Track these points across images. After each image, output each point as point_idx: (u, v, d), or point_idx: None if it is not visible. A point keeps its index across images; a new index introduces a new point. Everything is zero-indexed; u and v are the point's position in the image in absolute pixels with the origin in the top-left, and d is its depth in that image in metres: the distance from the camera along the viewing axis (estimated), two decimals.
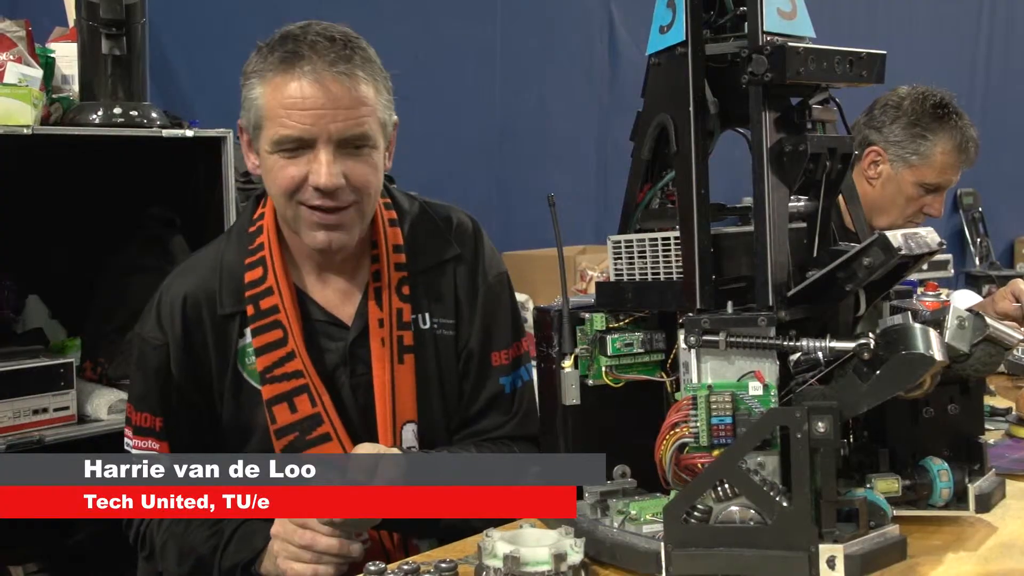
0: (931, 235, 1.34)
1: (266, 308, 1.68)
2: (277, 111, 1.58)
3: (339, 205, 1.61)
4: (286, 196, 1.62)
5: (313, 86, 1.56)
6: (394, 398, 1.69)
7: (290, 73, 1.57)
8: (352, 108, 1.58)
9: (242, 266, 1.72)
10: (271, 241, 1.71)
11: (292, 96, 1.56)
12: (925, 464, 1.37)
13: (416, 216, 1.80)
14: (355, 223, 1.64)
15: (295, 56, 1.57)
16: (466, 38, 4.30)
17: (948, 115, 2.67)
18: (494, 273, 1.81)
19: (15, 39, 2.47)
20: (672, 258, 1.31)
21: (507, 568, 1.19)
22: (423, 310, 1.75)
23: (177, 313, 1.70)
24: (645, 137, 1.37)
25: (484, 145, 4.42)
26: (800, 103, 1.32)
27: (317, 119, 1.56)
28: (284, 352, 1.67)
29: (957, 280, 5.88)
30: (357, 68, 1.59)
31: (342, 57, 1.57)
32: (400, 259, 1.74)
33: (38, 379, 2.41)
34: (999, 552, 1.31)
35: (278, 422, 1.66)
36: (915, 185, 2.68)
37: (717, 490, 1.21)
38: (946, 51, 6.24)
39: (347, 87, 1.57)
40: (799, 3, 1.33)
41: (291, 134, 1.57)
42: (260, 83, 1.60)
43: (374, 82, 1.62)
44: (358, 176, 1.61)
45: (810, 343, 1.24)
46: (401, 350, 1.71)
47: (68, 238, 2.89)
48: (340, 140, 1.58)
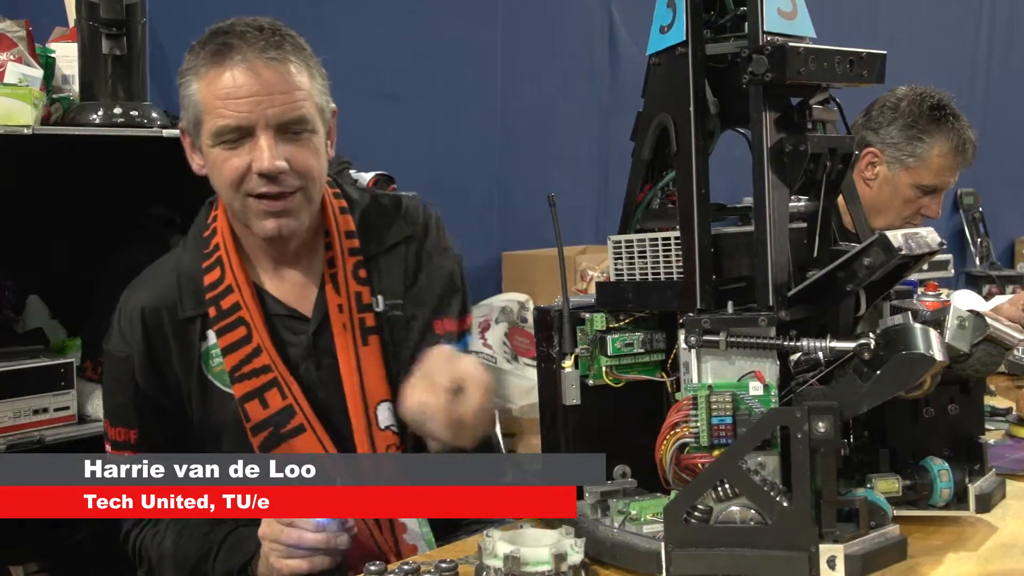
0: (931, 235, 1.34)
1: (227, 307, 1.69)
2: (214, 103, 1.60)
3: (284, 190, 1.62)
4: (232, 188, 1.63)
5: (246, 74, 1.58)
6: (362, 380, 1.70)
7: (222, 64, 1.59)
8: (287, 92, 1.60)
9: (200, 270, 1.73)
10: (226, 241, 1.72)
11: (226, 86, 1.58)
12: (925, 464, 1.37)
13: (367, 205, 1.82)
14: (303, 208, 1.65)
15: (226, 48, 1.59)
16: (466, 38, 4.30)
17: (945, 117, 2.66)
18: (440, 248, 1.82)
19: (15, 39, 2.47)
20: (672, 258, 1.31)
21: (507, 568, 1.19)
22: (377, 293, 1.76)
23: (137, 323, 1.71)
24: (645, 137, 1.37)
25: (484, 145, 4.42)
26: (800, 103, 1.32)
27: (253, 106, 1.58)
28: (250, 348, 1.68)
29: (957, 280, 5.88)
30: (288, 54, 1.61)
31: (272, 44, 1.60)
32: (353, 244, 1.75)
33: (38, 379, 2.41)
34: (999, 552, 1.31)
35: (252, 419, 1.67)
36: (912, 187, 2.68)
37: (717, 490, 1.21)
38: (946, 51, 6.24)
39: (280, 72, 1.59)
40: (799, 3, 1.33)
41: (229, 123, 1.59)
42: (195, 79, 1.62)
43: (307, 68, 1.64)
44: (300, 160, 1.62)
45: (810, 343, 1.24)
46: (364, 332, 1.72)
47: (68, 238, 2.89)
48: (278, 125, 1.59)
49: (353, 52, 3.66)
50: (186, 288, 1.72)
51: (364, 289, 1.74)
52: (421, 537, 1.67)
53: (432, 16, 4.14)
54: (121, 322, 1.74)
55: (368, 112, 3.71)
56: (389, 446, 1.69)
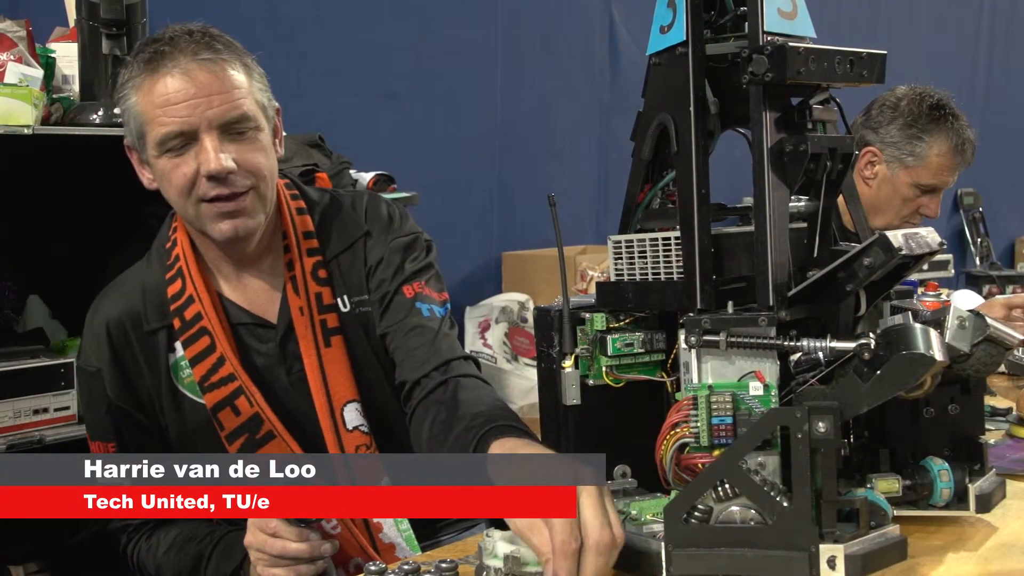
0: (931, 235, 1.34)
1: (190, 318, 1.69)
2: (154, 112, 1.60)
3: (236, 191, 1.61)
4: (183, 196, 1.62)
5: (181, 79, 1.58)
6: (326, 381, 1.69)
7: (157, 73, 1.59)
8: (225, 92, 1.59)
9: (163, 281, 1.73)
10: (185, 252, 1.72)
11: (163, 93, 1.58)
12: (926, 464, 1.37)
13: (326, 205, 1.80)
14: (256, 207, 1.64)
15: (158, 56, 1.59)
16: (467, 38, 4.30)
17: (945, 116, 2.67)
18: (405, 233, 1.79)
19: (15, 39, 2.47)
20: (673, 258, 1.31)
21: (507, 568, 1.19)
22: (342, 292, 1.74)
23: (103, 338, 1.72)
24: (645, 137, 1.36)
25: (485, 145, 4.43)
26: (800, 103, 1.32)
27: (192, 109, 1.57)
28: (215, 358, 1.68)
29: (958, 280, 5.88)
30: (221, 55, 1.61)
31: (204, 45, 1.60)
32: (312, 244, 1.74)
33: (39, 379, 2.41)
34: (999, 552, 1.31)
35: (226, 427, 1.67)
36: (911, 186, 2.69)
37: (717, 490, 1.21)
38: (947, 51, 6.24)
39: (214, 73, 1.59)
40: (800, 3, 1.33)
41: (172, 130, 1.59)
42: (132, 91, 1.62)
43: (243, 66, 1.64)
44: (248, 159, 1.61)
45: (810, 343, 1.24)
46: (326, 333, 1.71)
47: (69, 238, 2.89)
48: (221, 125, 1.59)
49: (353, 52, 3.66)
50: (150, 301, 1.72)
51: (324, 290, 1.72)
52: (399, 535, 1.67)
53: (432, 16, 4.14)
54: (89, 337, 1.75)
55: (368, 112, 3.71)
56: (359, 447, 1.69)
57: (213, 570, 1.63)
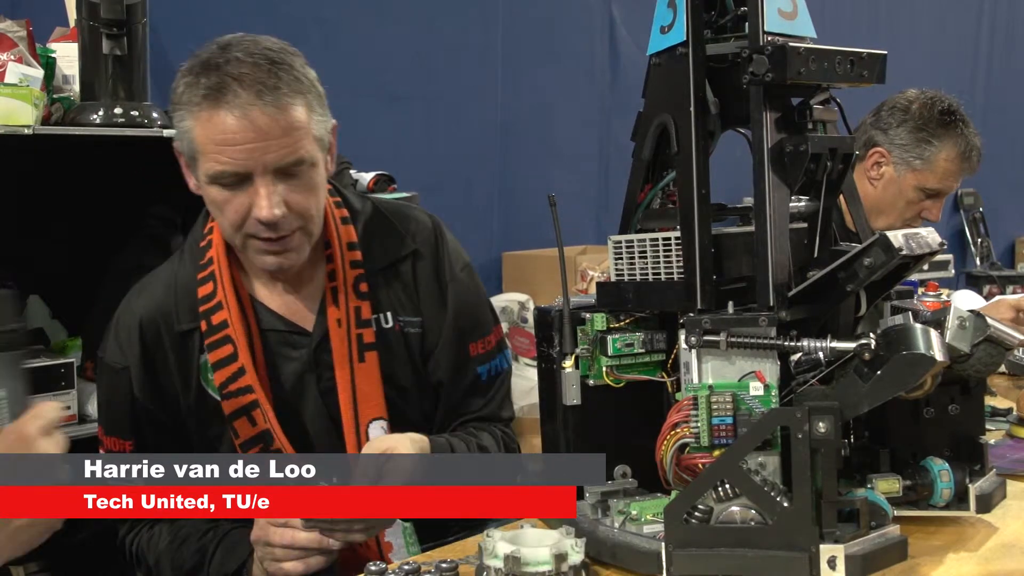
0: (932, 235, 1.34)
1: (217, 323, 1.68)
2: (209, 147, 1.56)
3: (283, 234, 1.60)
4: (233, 228, 1.61)
5: (241, 121, 1.52)
6: (355, 396, 1.68)
7: (217, 107, 1.53)
8: (284, 136, 1.55)
9: (195, 281, 1.71)
10: (219, 255, 1.70)
11: (221, 132, 1.54)
12: (926, 464, 1.37)
13: (369, 215, 1.79)
14: (303, 244, 1.64)
15: (220, 90, 1.53)
16: (467, 38, 4.30)
17: (955, 122, 2.67)
18: (460, 266, 1.80)
19: (16, 39, 2.47)
20: (673, 258, 1.31)
21: (508, 568, 1.19)
22: (384, 309, 1.73)
23: (135, 335, 1.70)
24: (646, 137, 1.36)
25: (485, 145, 4.42)
26: (801, 103, 1.32)
27: (249, 153, 1.54)
28: (236, 367, 1.66)
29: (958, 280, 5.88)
30: (284, 95, 1.55)
31: (268, 87, 1.54)
32: (356, 256, 1.73)
33: (39, 379, 2.41)
34: (1000, 552, 1.31)
35: (240, 436, 1.66)
36: (916, 189, 2.69)
37: (718, 490, 1.21)
38: (947, 51, 6.24)
39: (276, 118, 1.54)
40: (800, 3, 1.33)
41: (226, 170, 1.56)
42: (188, 116, 1.58)
43: (305, 100, 1.58)
44: (299, 202, 1.59)
45: (811, 343, 1.24)
46: (361, 348, 1.69)
47: (69, 238, 2.89)
48: (276, 169, 1.56)
49: (354, 52, 3.66)
50: (182, 300, 1.70)
51: (364, 304, 1.71)
52: (400, 534, 1.66)
53: (433, 16, 4.14)
54: (119, 333, 1.72)
55: (368, 112, 3.71)
56: None
57: (217, 566, 1.62)
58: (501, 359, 1.80)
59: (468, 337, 1.77)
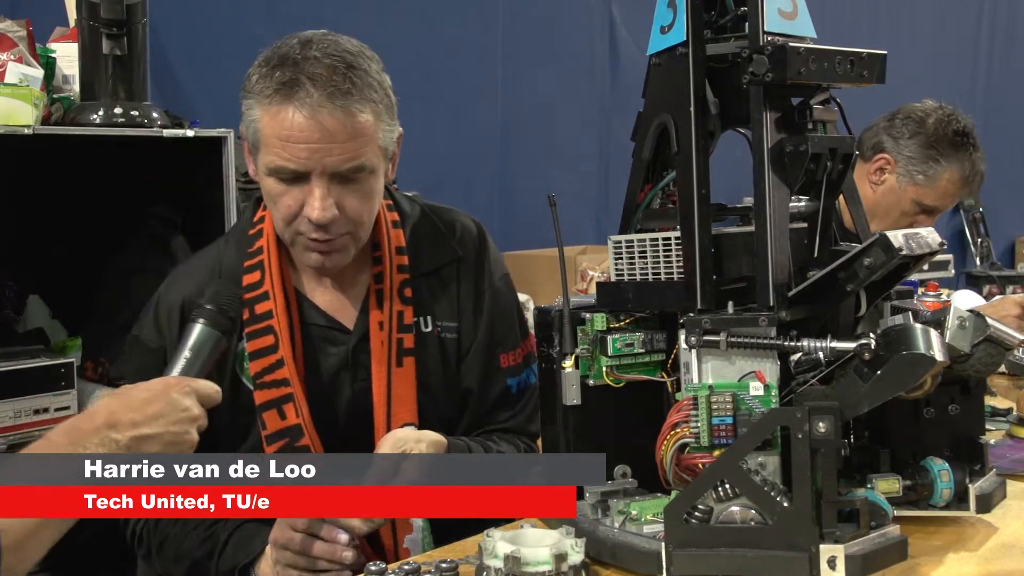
0: (932, 235, 1.34)
1: (260, 313, 1.68)
2: (272, 140, 1.56)
3: (332, 237, 1.61)
4: (284, 222, 1.62)
5: (309, 120, 1.52)
6: (390, 400, 1.68)
7: (286, 104, 1.53)
8: (348, 141, 1.55)
9: (241, 269, 1.71)
10: (270, 246, 1.70)
11: (287, 128, 1.54)
12: (926, 464, 1.37)
13: (418, 219, 1.80)
14: (349, 247, 1.64)
15: (293, 86, 1.53)
16: (468, 39, 4.30)
17: (966, 145, 2.68)
18: (499, 275, 1.81)
19: (16, 39, 2.47)
20: (673, 258, 1.31)
21: (508, 568, 1.19)
22: (425, 313, 1.74)
23: (175, 317, 1.70)
24: (646, 137, 1.36)
25: (485, 145, 4.42)
26: (801, 103, 1.32)
27: (312, 153, 1.54)
28: (274, 359, 1.66)
29: (958, 280, 5.88)
30: (354, 101, 1.54)
31: (340, 90, 1.53)
32: (403, 261, 1.73)
33: (39, 379, 2.41)
34: (1000, 552, 1.31)
35: (268, 428, 1.66)
36: (913, 202, 2.70)
37: (718, 490, 1.21)
38: (947, 51, 6.24)
39: (343, 122, 1.54)
40: (800, 3, 1.33)
41: (286, 166, 1.56)
42: (258, 106, 1.57)
43: (374, 107, 1.58)
44: (352, 207, 1.60)
45: (811, 343, 1.24)
46: (400, 353, 1.70)
47: (69, 238, 2.89)
48: (335, 173, 1.56)
49: None
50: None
51: (407, 308, 1.71)
52: (419, 541, 1.66)
53: (433, 17, 4.14)
54: (158, 312, 1.72)
55: None
56: None
57: (228, 558, 1.61)
58: (529, 373, 1.80)
59: (500, 347, 1.77)
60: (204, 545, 1.63)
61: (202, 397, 1.35)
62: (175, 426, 1.28)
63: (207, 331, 1.46)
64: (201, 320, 1.46)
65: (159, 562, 1.71)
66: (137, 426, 1.24)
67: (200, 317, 1.46)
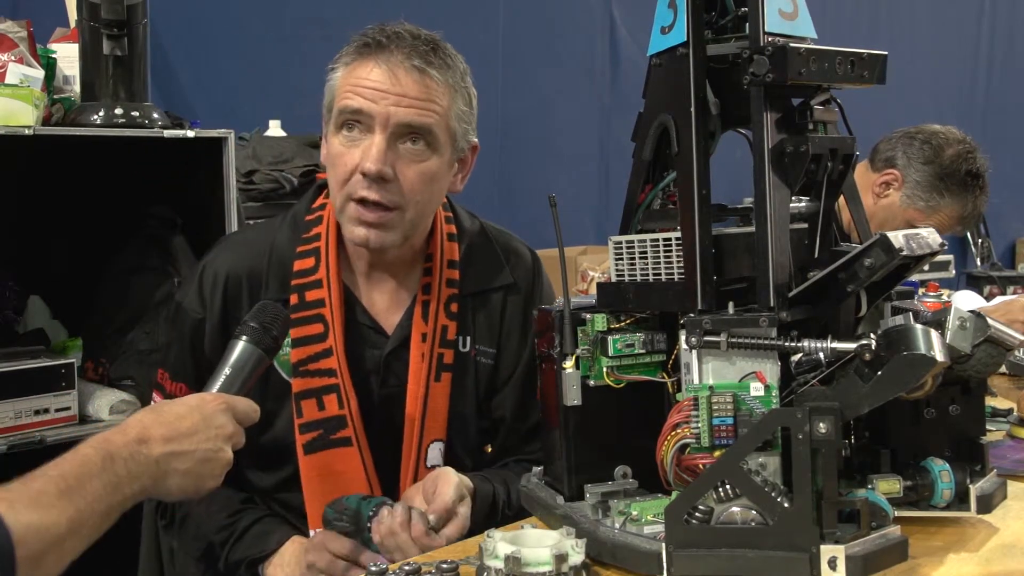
0: (932, 236, 1.34)
1: (311, 300, 1.66)
2: (345, 89, 1.59)
3: (380, 201, 1.58)
4: (339, 185, 1.61)
5: (383, 72, 1.56)
6: (424, 415, 1.67)
7: (366, 58, 1.58)
8: (417, 99, 1.57)
9: (293, 253, 1.69)
10: (330, 234, 1.69)
11: (361, 76, 1.58)
12: (926, 465, 1.37)
13: (475, 236, 1.79)
14: (396, 225, 1.62)
15: (374, 45, 1.59)
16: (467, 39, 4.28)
17: (974, 187, 2.71)
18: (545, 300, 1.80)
19: (16, 40, 2.47)
20: (673, 259, 1.31)
21: (508, 568, 1.19)
22: (466, 333, 1.73)
23: (219, 289, 1.68)
24: (646, 138, 1.36)
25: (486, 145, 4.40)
26: (801, 104, 1.32)
27: (379, 98, 1.56)
28: (321, 348, 1.64)
29: (958, 281, 5.88)
30: (433, 68, 1.58)
31: (420, 53, 1.58)
32: (453, 275, 1.72)
33: (39, 379, 2.41)
34: (1000, 553, 1.31)
35: (304, 416, 1.64)
36: (906, 223, 2.72)
37: (718, 491, 1.21)
38: (947, 51, 6.24)
39: (416, 80, 1.57)
40: (800, 4, 1.33)
41: (352, 105, 1.57)
42: (339, 67, 1.62)
43: (449, 87, 1.60)
44: (407, 178, 1.59)
45: (811, 344, 1.24)
46: (440, 368, 1.68)
47: (69, 238, 2.89)
48: (398, 127, 1.56)
49: None
50: (275, 268, 1.69)
51: (452, 324, 1.70)
52: None
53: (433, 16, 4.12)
54: (203, 282, 1.70)
55: None
56: None
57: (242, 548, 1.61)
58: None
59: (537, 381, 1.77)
60: (223, 531, 1.63)
61: (239, 415, 1.34)
62: (208, 443, 1.27)
63: (249, 348, 1.44)
64: (244, 337, 1.44)
65: (178, 536, 1.71)
66: (169, 442, 1.23)
67: (243, 334, 1.45)
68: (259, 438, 1.67)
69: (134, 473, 1.17)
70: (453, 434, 1.71)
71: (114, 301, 2.76)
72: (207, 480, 1.27)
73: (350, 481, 1.63)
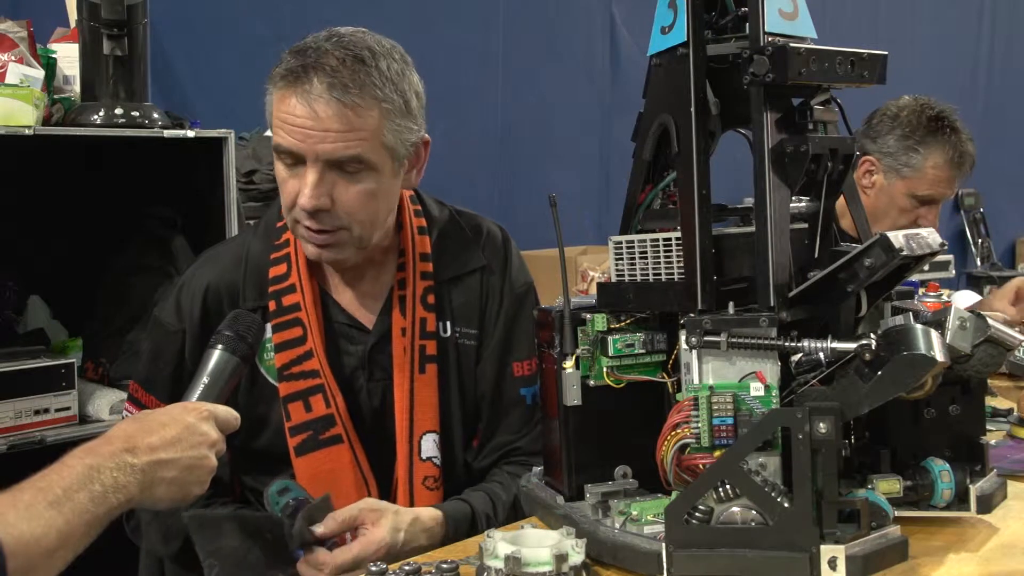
0: (932, 236, 1.34)
1: (288, 305, 1.68)
2: (277, 121, 1.59)
3: (324, 228, 1.60)
4: (287, 208, 1.63)
5: (305, 107, 1.55)
6: (412, 408, 1.68)
7: (291, 88, 1.57)
8: (342, 131, 1.55)
9: (267, 260, 1.71)
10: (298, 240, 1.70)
11: (286, 112, 1.57)
12: (926, 465, 1.37)
13: (445, 224, 1.80)
14: (345, 242, 1.63)
15: (299, 73, 1.56)
16: (468, 39, 4.30)
17: (943, 128, 2.67)
18: (520, 283, 1.81)
19: (17, 40, 2.47)
20: (673, 259, 1.31)
21: (508, 569, 1.19)
22: (445, 318, 1.74)
23: (197, 302, 1.70)
24: (646, 138, 1.36)
25: (486, 146, 4.43)
26: (801, 104, 1.32)
27: (305, 138, 1.55)
28: (302, 351, 1.66)
29: (958, 281, 5.88)
30: (354, 96, 1.55)
31: (340, 81, 1.54)
32: (427, 268, 1.73)
33: (39, 379, 2.42)
34: (1000, 553, 1.31)
35: (292, 419, 1.66)
36: (907, 196, 2.70)
37: (718, 491, 1.21)
38: (947, 51, 6.24)
39: (336, 113, 1.54)
40: (800, 4, 1.33)
41: (282, 144, 1.58)
42: (272, 89, 1.61)
43: (377, 104, 1.57)
44: (346, 202, 1.59)
45: (811, 344, 1.24)
46: (423, 360, 1.69)
47: (69, 238, 2.89)
48: (328, 161, 1.57)
49: None
50: (250, 277, 1.71)
51: (430, 315, 1.71)
52: None
53: (433, 17, 4.14)
54: (181, 297, 1.72)
55: None
56: (427, 478, 1.68)
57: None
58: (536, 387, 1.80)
59: (512, 355, 1.77)
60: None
61: (220, 422, 1.35)
62: (193, 450, 1.28)
63: (226, 356, 1.46)
64: (220, 346, 1.47)
65: (144, 539, 1.71)
66: (155, 450, 1.24)
67: (219, 343, 1.47)
68: (253, 444, 1.69)
69: (121, 482, 1.18)
70: (446, 425, 1.71)
71: (114, 301, 2.76)
72: (193, 487, 1.29)
73: (344, 479, 1.65)
